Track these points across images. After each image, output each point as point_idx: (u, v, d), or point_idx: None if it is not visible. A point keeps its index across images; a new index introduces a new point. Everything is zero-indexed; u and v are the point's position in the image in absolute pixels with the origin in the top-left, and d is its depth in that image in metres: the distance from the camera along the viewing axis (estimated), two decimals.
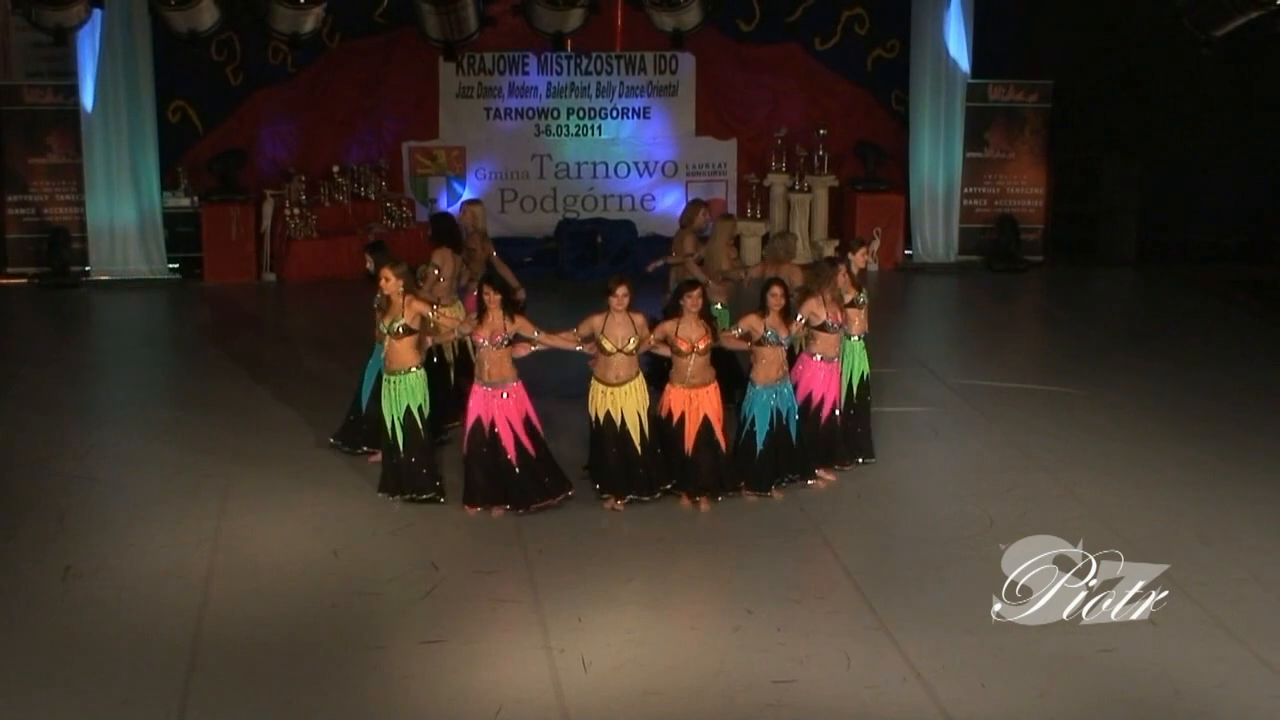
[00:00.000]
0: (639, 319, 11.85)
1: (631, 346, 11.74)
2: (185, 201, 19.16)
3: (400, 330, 11.77)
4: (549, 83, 20.26)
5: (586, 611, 10.40)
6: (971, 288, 19.40)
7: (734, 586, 10.88)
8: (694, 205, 14.74)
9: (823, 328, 12.29)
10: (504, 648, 9.98)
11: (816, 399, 12.51)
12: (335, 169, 19.55)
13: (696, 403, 11.96)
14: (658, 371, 12.52)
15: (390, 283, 11.73)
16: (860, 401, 12.95)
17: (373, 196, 19.66)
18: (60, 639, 10.03)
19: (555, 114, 20.38)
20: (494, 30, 15.04)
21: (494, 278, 12.42)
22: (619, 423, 11.89)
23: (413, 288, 11.87)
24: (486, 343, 11.67)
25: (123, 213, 18.72)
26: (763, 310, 11.94)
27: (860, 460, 12.97)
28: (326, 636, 10.45)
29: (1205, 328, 17.22)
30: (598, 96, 20.37)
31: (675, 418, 11.99)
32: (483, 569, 11.07)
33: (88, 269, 18.79)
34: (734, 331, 12.06)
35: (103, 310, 18.04)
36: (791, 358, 12.43)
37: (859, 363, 12.90)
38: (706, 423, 11.96)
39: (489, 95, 20.23)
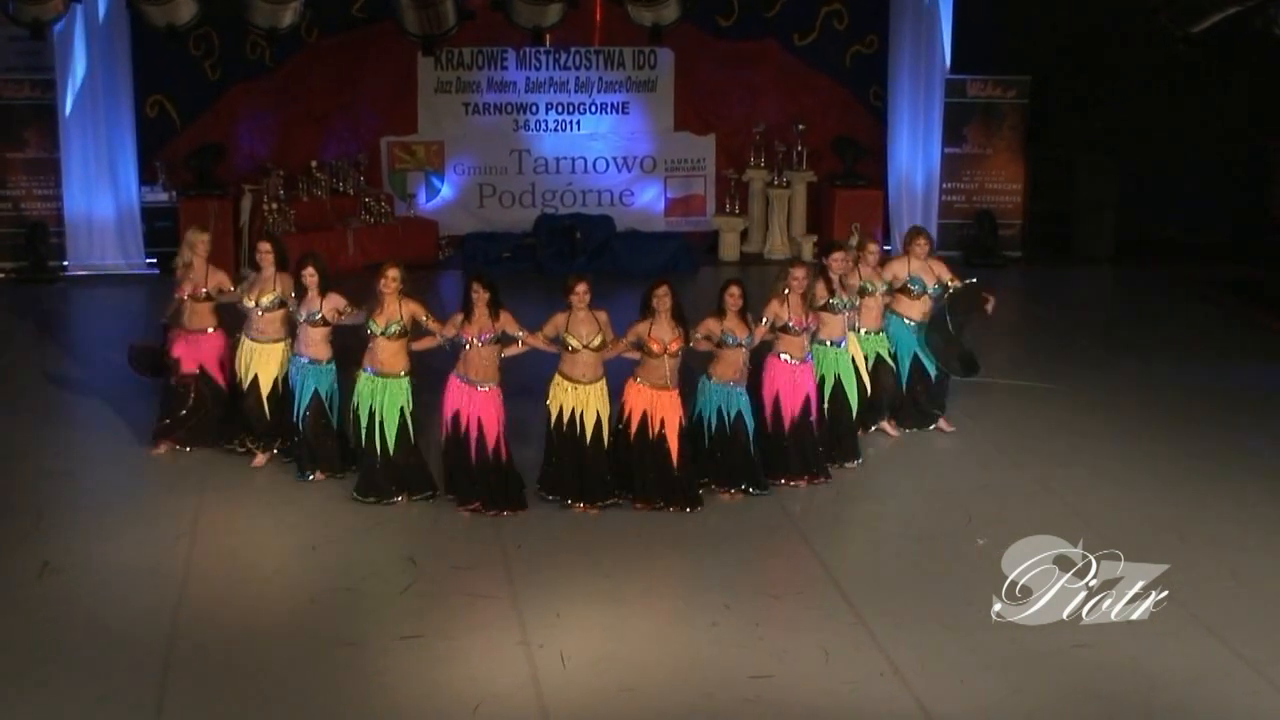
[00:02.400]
0: (602, 316, 11.78)
1: (596, 344, 11.68)
2: (163, 196, 19.12)
3: (396, 332, 11.72)
4: (528, 78, 20.26)
5: (564, 607, 10.40)
6: None
7: (712, 582, 10.87)
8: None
9: (785, 329, 12.17)
10: (482, 643, 9.97)
11: (785, 400, 12.32)
12: (313, 164, 19.53)
13: (658, 406, 11.82)
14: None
15: (391, 283, 11.70)
16: (841, 402, 12.82)
17: (351, 192, 19.65)
18: (37, 636, 9.99)
19: (534, 109, 20.39)
20: (473, 25, 15.04)
21: (484, 274, 12.32)
22: (579, 422, 11.78)
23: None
24: (476, 341, 11.63)
25: (100, 207, 18.69)
26: (720, 312, 11.90)
27: (844, 464, 12.86)
28: (304, 632, 10.44)
29: (1182, 325, 17.24)
30: (576, 91, 20.38)
31: (636, 418, 11.84)
32: (460, 565, 11.07)
33: (65, 264, 18.75)
34: (698, 334, 11.89)
35: (80, 305, 17.98)
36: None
37: (842, 364, 12.84)
38: (662, 428, 11.80)
39: (468, 90, 20.23)
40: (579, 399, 11.78)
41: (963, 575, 11.28)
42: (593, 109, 20.45)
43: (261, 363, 12.47)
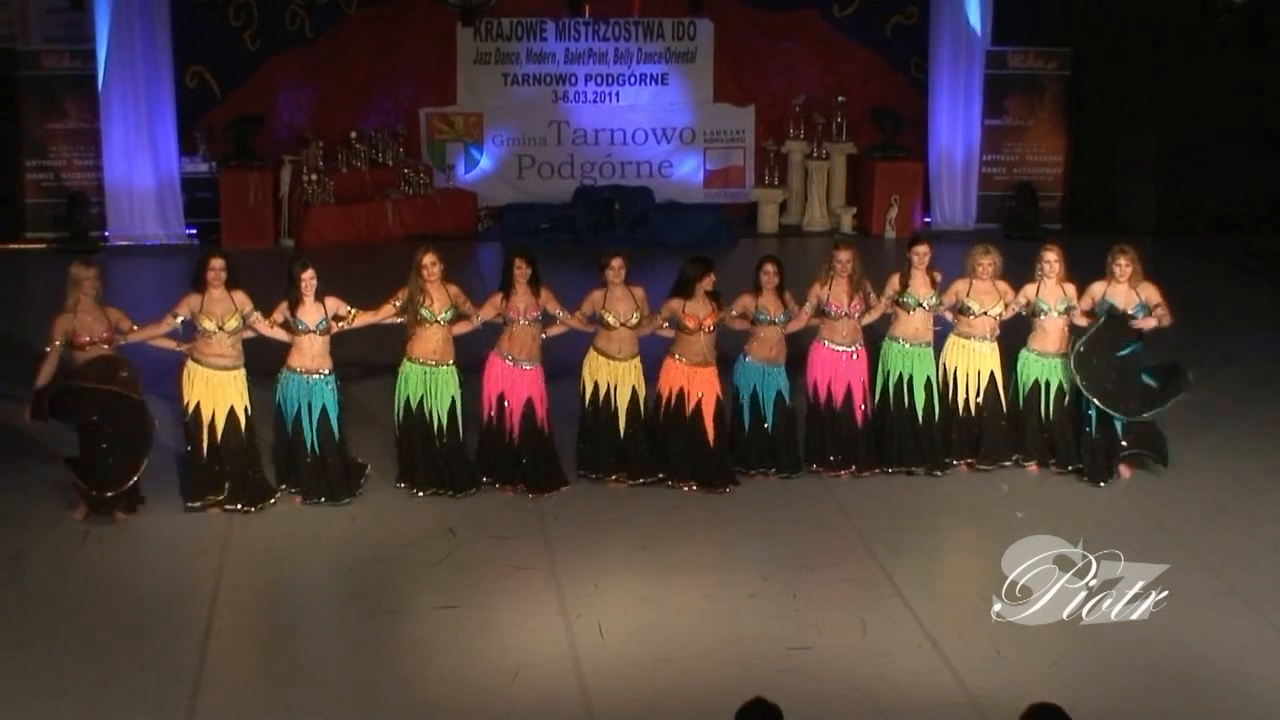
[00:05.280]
0: (639, 292, 11.73)
1: (634, 321, 11.66)
2: (203, 167, 19.20)
3: (452, 317, 11.45)
4: (567, 49, 20.25)
5: (602, 579, 10.44)
6: None
7: (749, 554, 10.91)
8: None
9: (824, 313, 11.91)
10: (520, 613, 10.01)
11: (824, 386, 12.01)
12: (353, 135, 19.57)
13: (695, 382, 11.76)
14: None
15: (433, 270, 11.41)
16: (895, 404, 12.09)
17: (390, 163, 19.69)
18: (79, 604, 10.09)
19: (573, 80, 20.38)
20: None
21: (526, 249, 12.12)
22: (614, 397, 11.76)
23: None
24: (521, 319, 11.57)
25: (140, 178, 18.76)
26: (756, 289, 11.80)
27: (890, 470, 12.12)
28: (342, 601, 10.53)
29: (1221, 295, 17.11)
30: (616, 63, 20.36)
31: (673, 395, 11.77)
32: (499, 535, 11.11)
33: (106, 234, 18.84)
34: (733, 312, 11.80)
35: (121, 275, 18.04)
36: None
37: (918, 365, 12.05)
38: (699, 406, 11.75)
39: (507, 61, 20.23)
40: (613, 374, 11.76)
41: (999, 548, 11.28)
42: (632, 80, 20.43)
43: (225, 393, 11.25)
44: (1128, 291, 11.86)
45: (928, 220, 20.06)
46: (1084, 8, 19.43)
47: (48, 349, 10.97)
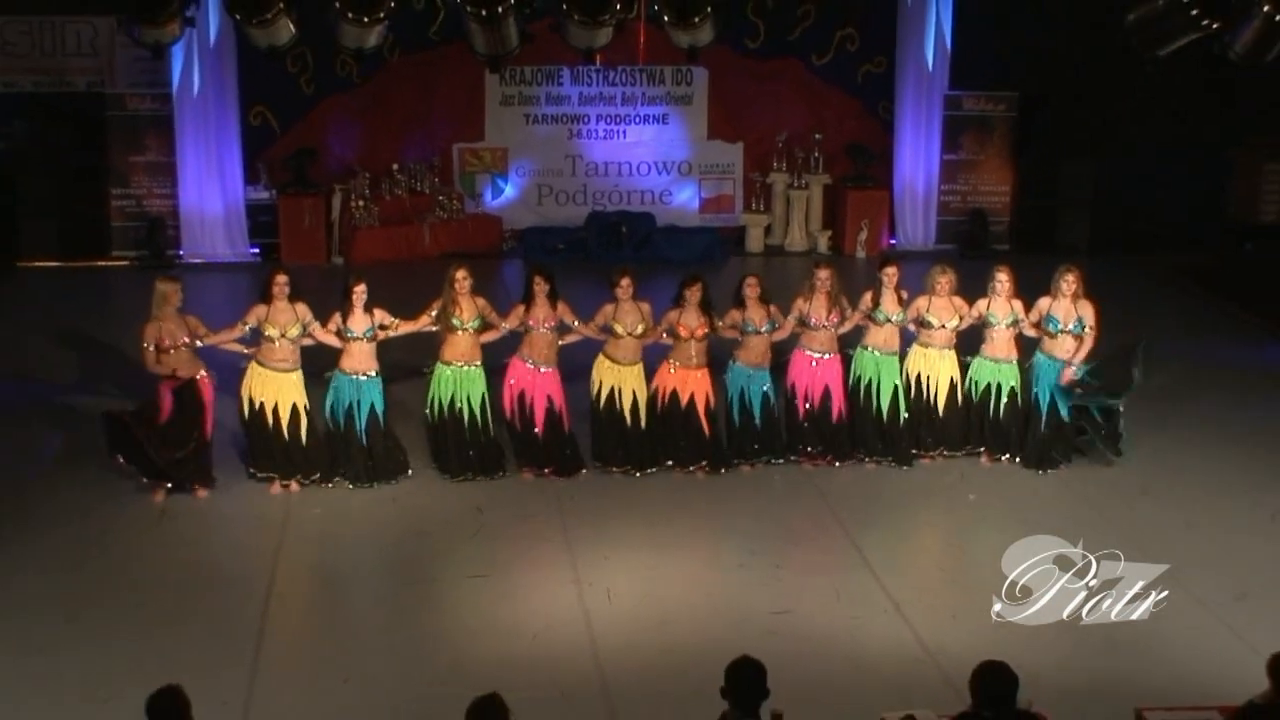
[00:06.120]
0: (645, 306, 11.72)
1: (640, 331, 11.63)
2: (264, 194, 19.19)
3: (479, 326, 11.45)
4: (580, 92, 20.20)
5: (611, 551, 10.45)
6: None
7: (738, 531, 10.90)
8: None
9: (805, 324, 11.86)
10: (540, 581, 10.05)
11: (804, 388, 11.95)
12: (394, 166, 19.54)
13: (687, 383, 11.76)
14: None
15: (464, 284, 11.39)
16: (866, 404, 12.00)
17: (427, 191, 19.66)
18: (155, 573, 10.13)
19: (586, 119, 20.32)
20: (533, 46, 14.97)
21: (544, 266, 12.15)
22: (620, 397, 11.74)
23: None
24: (540, 328, 11.56)
25: (210, 204, 18.74)
26: (741, 303, 11.77)
27: (862, 460, 12.04)
28: (386, 570, 10.56)
29: (1149, 306, 17.01)
30: (623, 104, 20.31)
31: (669, 394, 11.76)
32: (521, 514, 11.12)
33: (180, 253, 18.83)
34: (723, 323, 11.77)
35: (193, 288, 17.88)
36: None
37: (883, 370, 11.98)
38: (692, 402, 11.74)
39: (528, 103, 20.19)
40: (619, 377, 11.74)
41: (956, 525, 11.33)
42: (637, 120, 20.38)
43: (285, 391, 11.32)
44: (1069, 307, 11.80)
45: (893, 241, 20.02)
46: (1028, 58, 19.36)
47: (146, 346, 11.11)
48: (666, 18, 12.62)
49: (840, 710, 7.58)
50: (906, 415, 12.05)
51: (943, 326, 11.90)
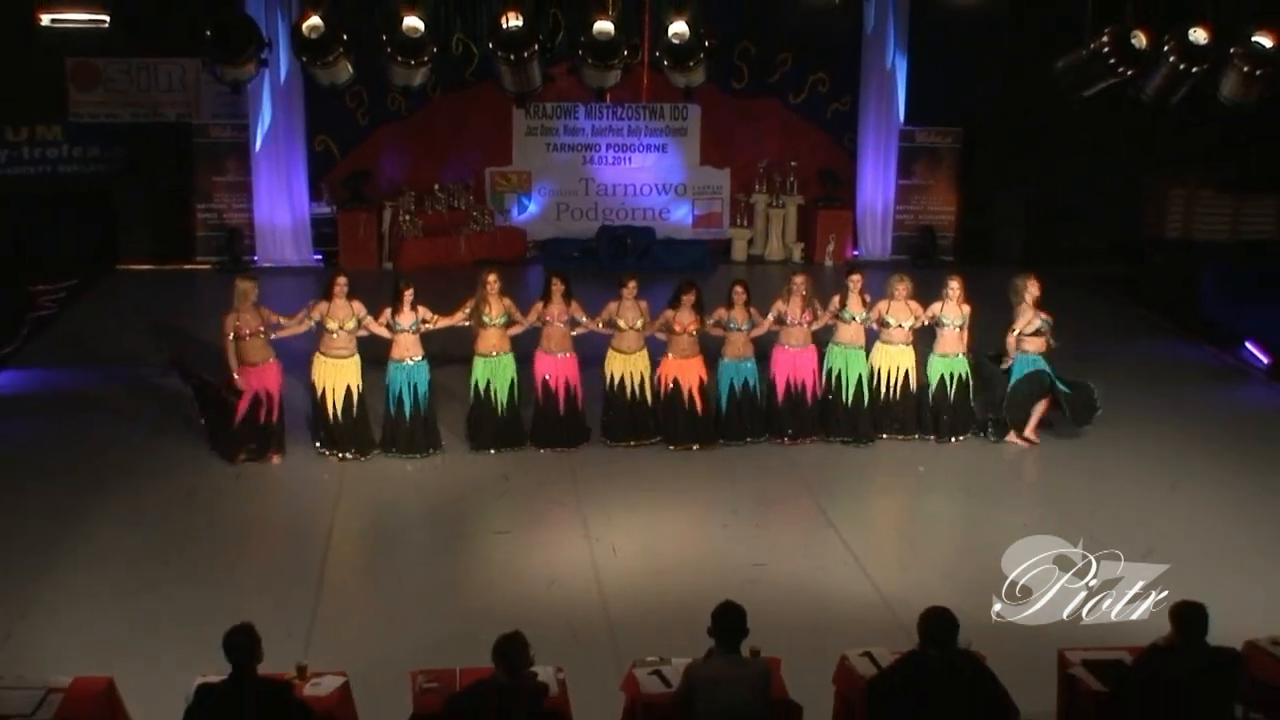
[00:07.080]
0: (644, 304, 11.73)
1: (640, 325, 11.66)
2: (326, 209, 19.18)
3: (506, 322, 11.46)
4: (593, 125, 20.17)
5: (616, 512, 10.48)
6: None
7: (724, 496, 10.93)
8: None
9: (782, 322, 11.84)
10: (555, 537, 10.07)
11: (782, 377, 11.93)
12: (436, 186, 19.51)
13: (684, 371, 11.75)
14: None
15: (494, 286, 11.41)
16: (835, 392, 11.97)
17: (463, 207, 19.64)
18: (231, 526, 10.17)
19: (597, 148, 20.30)
20: (553, 85, 14.98)
21: (560, 270, 12.10)
22: (629, 380, 11.75)
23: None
24: (556, 321, 11.57)
25: (280, 217, 18.72)
26: (729, 304, 11.76)
27: (831, 439, 11.97)
28: (427, 527, 10.59)
29: (1077, 311, 16.94)
30: (628, 135, 20.27)
31: (669, 381, 11.77)
32: (541, 481, 11.15)
33: (254, 258, 18.83)
34: (710, 321, 11.74)
35: (266, 288, 17.94)
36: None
37: (850, 362, 11.92)
38: (688, 387, 11.75)
39: (549, 134, 20.17)
40: (625, 366, 11.76)
41: (907, 493, 11.35)
42: (640, 148, 20.35)
43: (343, 376, 11.32)
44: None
45: (856, 253, 19.99)
46: (972, 99, 19.33)
47: (226, 334, 11.15)
48: (666, 62, 12.65)
49: (809, 648, 7.60)
50: (868, 401, 12.06)
51: (900, 326, 11.90)
